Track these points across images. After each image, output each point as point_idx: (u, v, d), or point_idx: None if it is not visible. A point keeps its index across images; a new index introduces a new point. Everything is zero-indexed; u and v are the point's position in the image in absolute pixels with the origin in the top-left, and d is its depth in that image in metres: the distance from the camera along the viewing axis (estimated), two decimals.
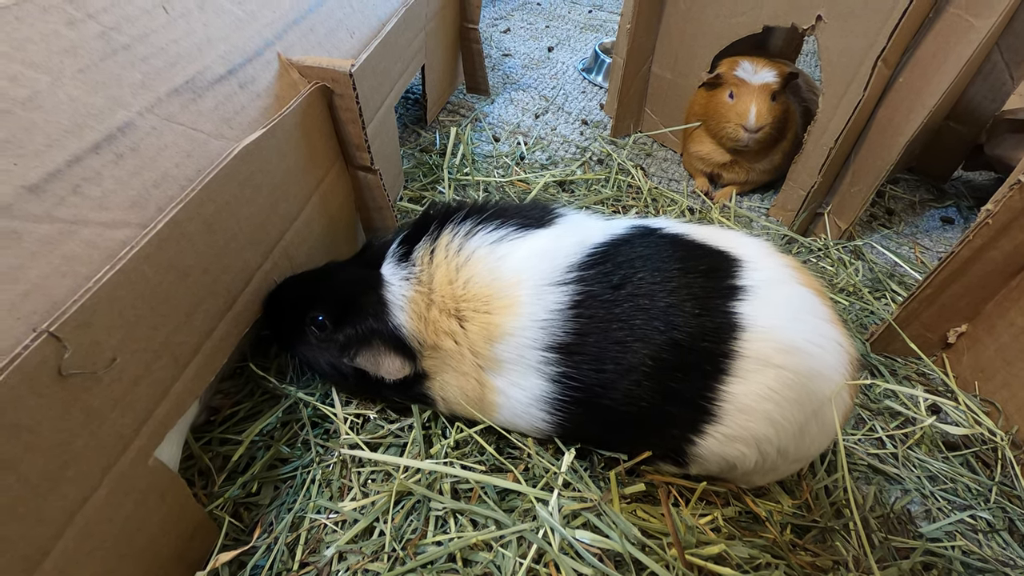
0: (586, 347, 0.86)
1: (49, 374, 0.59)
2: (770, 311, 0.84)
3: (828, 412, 0.86)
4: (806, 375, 0.82)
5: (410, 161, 1.82)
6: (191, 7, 0.94)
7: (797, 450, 0.88)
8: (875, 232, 1.77)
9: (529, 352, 0.88)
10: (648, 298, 0.85)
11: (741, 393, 0.82)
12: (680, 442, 0.89)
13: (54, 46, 0.72)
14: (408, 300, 0.95)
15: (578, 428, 0.95)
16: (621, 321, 0.85)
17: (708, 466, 0.92)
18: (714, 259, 0.89)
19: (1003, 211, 1.07)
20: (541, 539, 0.87)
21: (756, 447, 0.85)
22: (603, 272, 0.88)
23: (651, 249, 0.90)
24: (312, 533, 0.94)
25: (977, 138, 1.84)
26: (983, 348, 1.25)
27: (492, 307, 0.90)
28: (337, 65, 1.08)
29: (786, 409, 0.82)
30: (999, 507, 1.08)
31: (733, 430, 0.84)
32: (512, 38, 2.82)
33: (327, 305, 1.01)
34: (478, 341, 0.91)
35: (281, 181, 1.02)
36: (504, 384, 0.93)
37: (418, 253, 0.98)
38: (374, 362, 0.97)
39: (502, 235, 0.95)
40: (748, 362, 0.82)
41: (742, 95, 1.61)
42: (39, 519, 0.61)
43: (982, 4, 1.26)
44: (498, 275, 0.91)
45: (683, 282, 0.86)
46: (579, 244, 0.92)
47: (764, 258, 0.91)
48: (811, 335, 0.84)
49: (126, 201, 0.74)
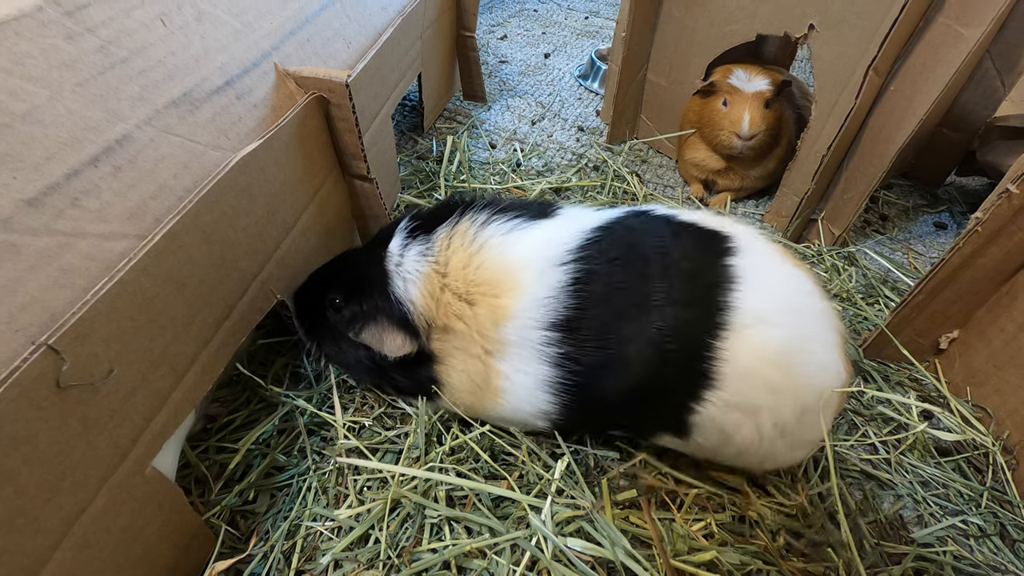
0: (587, 321, 0.88)
1: (47, 386, 0.60)
2: (763, 271, 0.87)
3: (822, 381, 0.87)
4: (804, 336, 0.85)
5: (407, 168, 1.83)
6: (189, 20, 0.95)
7: (797, 429, 0.88)
8: (869, 238, 1.78)
9: (533, 333, 0.90)
10: (644, 263, 0.88)
11: (739, 351, 0.83)
12: (682, 412, 0.89)
13: (53, 60, 0.73)
14: (422, 276, 0.97)
15: (583, 410, 0.95)
16: (619, 289, 0.88)
17: (708, 440, 0.91)
18: (706, 233, 0.93)
19: (992, 219, 1.09)
20: (534, 547, 0.87)
21: (753, 418, 0.86)
22: (601, 249, 0.91)
23: (646, 224, 0.95)
24: (308, 541, 0.94)
25: (969, 144, 1.86)
26: (975, 354, 1.26)
27: (499, 290, 0.93)
28: (334, 75, 1.09)
29: (783, 372, 0.83)
30: (990, 512, 1.09)
31: (731, 395, 0.84)
32: (509, 44, 2.84)
33: (340, 285, 1.05)
34: (485, 323, 0.93)
35: (278, 191, 1.03)
36: (509, 369, 0.94)
37: (439, 235, 1.01)
38: (378, 338, 0.99)
39: (513, 225, 0.98)
40: (743, 316, 0.83)
41: (736, 103, 1.62)
42: (37, 530, 0.61)
43: (971, 14, 1.28)
44: (507, 261, 0.95)
45: (677, 244, 0.90)
46: (579, 230, 0.96)
47: (753, 240, 0.95)
48: (805, 297, 0.89)
49: (124, 213, 0.75)
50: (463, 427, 1.08)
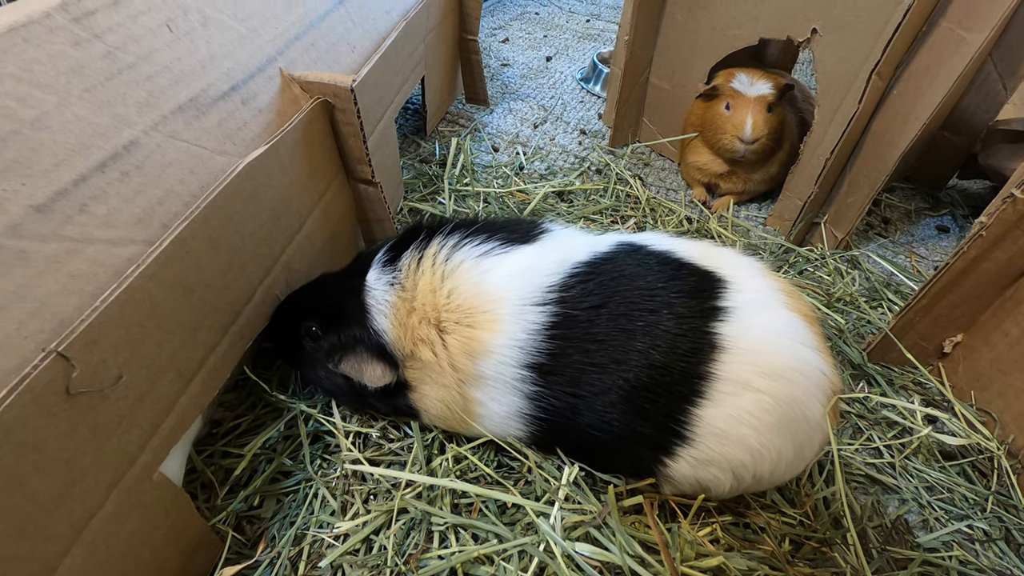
0: (562, 368, 0.87)
1: (57, 393, 0.60)
2: (751, 334, 0.83)
3: (805, 439, 0.86)
4: (785, 401, 0.81)
5: (410, 172, 1.83)
6: (195, 25, 0.95)
7: (772, 476, 0.88)
8: (872, 241, 1.78)
9: (508, 370, 0.89)
10: (627, 318, 0.85)
11: (717, 415, 0.82)
12: (652, 463, 0.89)
13: (61, 67, 0.73)
14: (390, 305, 0.96)
15: (552, 441, 0.98)
16: (598, 342, 0.85)
17: (681, 487, 0.92)
18: (698, 279, 0.88)
19: (996, 223, 1.09)
20: (543, 552, 0.87)
21: (731, 472, 0.85)
22: (583, 292, 0.88)
23: (634, 268, 0.90)
24: (315, 548, 0.94)
25: (971, 148, 1.86)
26: (979, 358, 1.26)
27: (474, 321, 0.91)
28: (338, 80, 1.09)
29: (764, 435, 0.82)
30: (996, 517, 1.09)
31: (706, 454, 0.84)
32: (511, 48, 2.84)
33: (316, 314, 1.03)
34: (459, 356, 0.92)
35: (283, 195, 1.04)
36: (484, 397, 0.94)
37: (405, 261, 0.99)
38: (357, 368, 0.99)
39: (487, 249, 0.96)
40: (725, 384, 0.81)
41: (738, 107, 1.62)
42: (46, 536, 0.61)
43: (974, 18, 1.28)
44: (481, 289, 0.92)
45: (664, 302, 0.85)
46: (561, 263, 0.92)
47: (752, 280, 0.90)
48: (793, 361, 0.83)
49: (131, 219, 0.75)
50: (463, 439, 1.08)
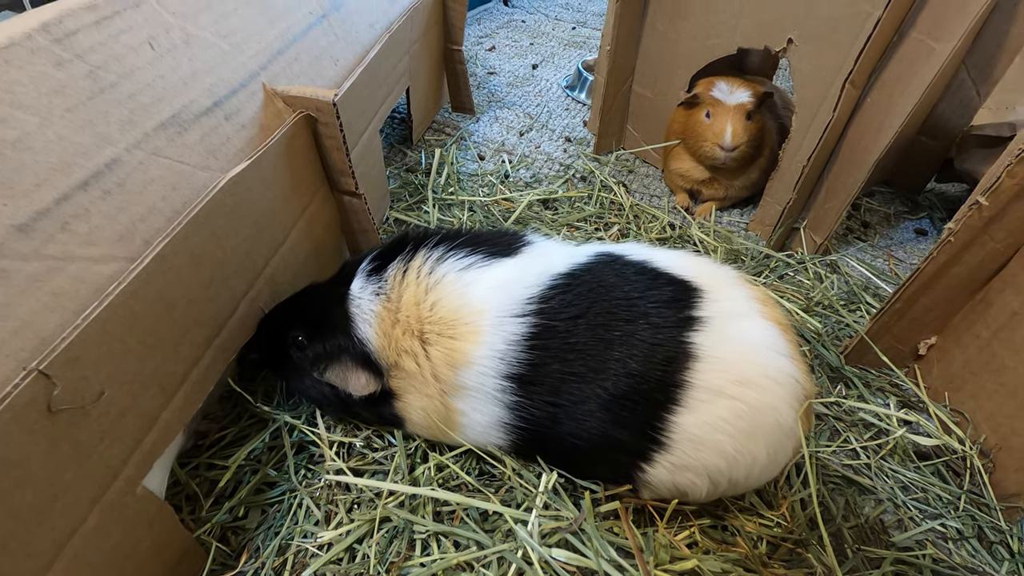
0: (542, 378, 0.89)
1: (39, 411, 0.61)
2: (726, 343, 0.86)
3: (778, 444, 0.88)
4: (759, 408, 0.84)
5: (396, 181, 1.85)
6: (177, 42, 0.96)
7: (747, 480, 0.90)
8: (851, 245, 1.81)
9: (488, 380, 0.91)
10: (605, 328, 0.88)
11: (692, 421, 0.84)
12: (630, 469, 0.91)
13: (43, 87, 0.75)
14: (375, 315, 0.97)
15: (533, 450, 1.00)
16: (577, 351, 0.88)
17: (660, 492, 0.94)
18: (675, 289, 0.91)
19: (964, 230, 1.12)
20: (520, 559, 0.89)
21: (707, 476, 0.88)
22: (562, 303, 0.91)
23: (612, 279, 0.93)
24: (298, 557, 0.95)
25: (948, 152, 1.90)
26: (952, 360, 1.29)
27: (456, 332, 0.93)
28: (321, 95, 1.11)
29: (738, 441, 0.84)
30: (968, 515, 1.11)
31: (683, 460, 0.86)
32: (497, 56, 2.87)
33: (302, 323, 1.05)
34: (441, 367, 0.93)
35: (267, 209, 1.05)
36: (466, 407, 0.96)
37: (391, 272, 1.01)
38: (342, 377, 1.00)
39: (470, 262, 0.98)
40: (700, 392, 0.84)
41: (718, 115, 1.65)
42: (29, 553, 0.62)
43: (943, 29, 1.32)
44: (464, 302, 0.94)
45: (641, 312, 0.88)
46: (541, 275, 0.95)
47: (727, 288, 0.93)
48: (766, 369, 0.86)
49: (113, 236, 0.77)
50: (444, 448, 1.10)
